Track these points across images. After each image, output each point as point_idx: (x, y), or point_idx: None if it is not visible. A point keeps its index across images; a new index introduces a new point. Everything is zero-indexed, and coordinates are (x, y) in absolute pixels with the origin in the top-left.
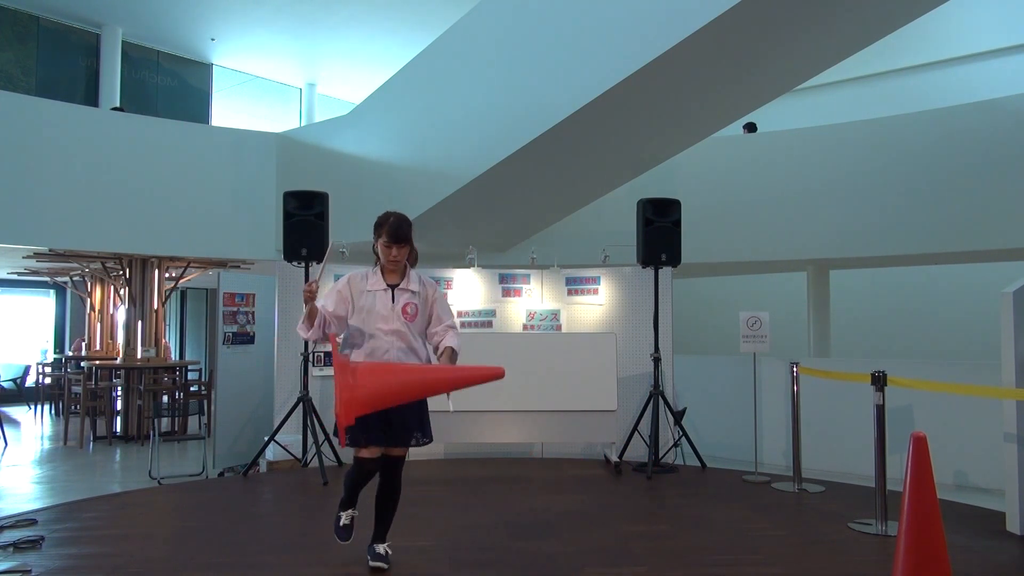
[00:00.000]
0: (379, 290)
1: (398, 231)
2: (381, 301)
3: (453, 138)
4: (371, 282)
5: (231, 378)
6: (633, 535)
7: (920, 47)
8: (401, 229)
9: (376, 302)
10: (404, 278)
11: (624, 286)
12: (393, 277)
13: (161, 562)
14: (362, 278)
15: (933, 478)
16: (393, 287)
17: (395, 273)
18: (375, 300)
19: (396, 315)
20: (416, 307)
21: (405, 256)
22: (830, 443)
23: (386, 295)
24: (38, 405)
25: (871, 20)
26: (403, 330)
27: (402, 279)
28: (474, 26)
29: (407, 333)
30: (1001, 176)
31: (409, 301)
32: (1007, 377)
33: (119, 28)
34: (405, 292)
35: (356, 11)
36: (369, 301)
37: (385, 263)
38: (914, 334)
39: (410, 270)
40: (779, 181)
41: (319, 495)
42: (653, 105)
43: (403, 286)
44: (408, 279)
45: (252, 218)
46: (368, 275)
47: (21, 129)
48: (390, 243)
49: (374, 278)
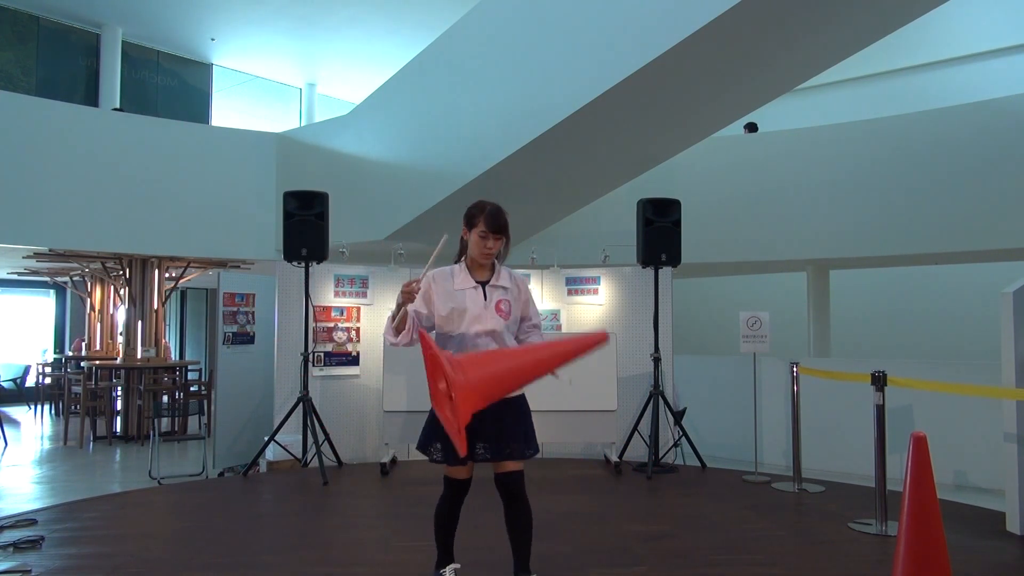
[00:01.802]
0: (468, 288)
1: (496, 220)
2: (472, 299)
3: (453, 138)
4: (458, 280)
5: (231, 378)
6: (633, 535)
7: (920, 47)
8: (500, 218)
9: (466, 301)
10: (494, 274)
11: (624, 286)
12: (482, 273)
13: (161, 562)
14: (446, 277)
15: (933, 478)
16: (483, 284)
17: (484, 268)
18: (465, 299)
19: (490, 313)
20: (510, 304)
21: (499, 248)
22: (830, 443)
23: (477, 293)
24: (38, 405)
25: (871, 20)
26: (498, 329)
27: (492, 275)
28: (474, 26)
29: (501, 333)
30: (1001, 176)
31: (502, 298)
32: (1007, 377)
33: (119, 28)
34: (497, 289)
35: (356, 11)
36: (458, 301)
37: (478, 256)
38: (914, 334)
39: (500, 266)
40: (779, 181)
41: (319, 495)
42: (653, 105)
43: (494, 282)
44: (499, 275)
45: (252, 218)
46: (454, 272)
47: (21, 129)
48: (487, 232)
49: (461, 275)
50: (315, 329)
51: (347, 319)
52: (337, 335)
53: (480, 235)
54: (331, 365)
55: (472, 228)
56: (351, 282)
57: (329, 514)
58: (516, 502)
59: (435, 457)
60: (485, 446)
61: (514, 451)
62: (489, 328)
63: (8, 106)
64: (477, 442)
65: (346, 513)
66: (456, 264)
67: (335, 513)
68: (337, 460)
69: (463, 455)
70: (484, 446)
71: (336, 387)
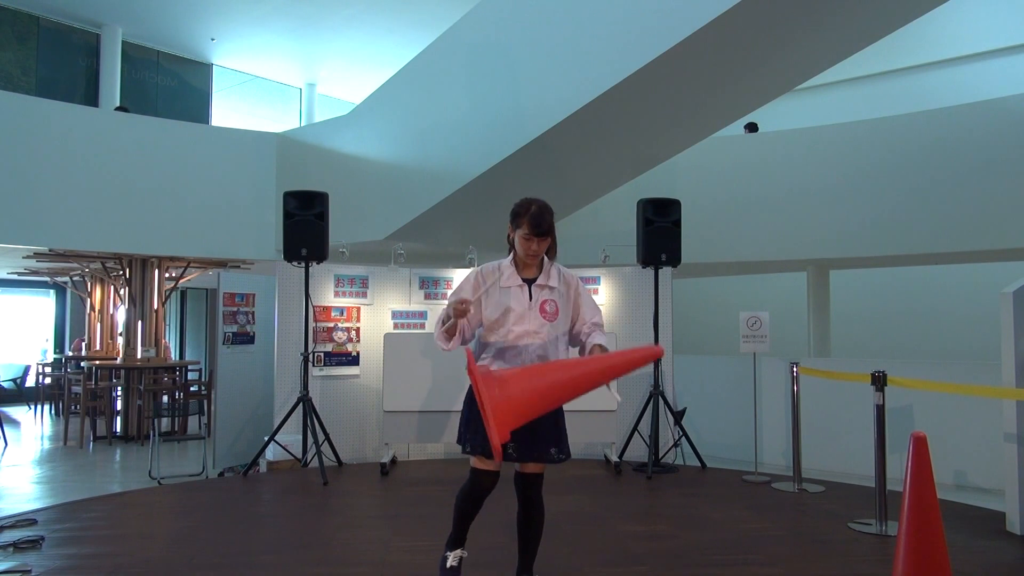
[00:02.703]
0: (514, 286)
1: (541, 222)
2: (516, 298)
3: (453, 138)
4: (505, 276)
5: (231, 378)
6: (633, 535)
7: (920, 47)
8: (544, 219)
9: (511, 299)
10: (542, 272)
11: (624, 286)
12: (530, 271)
13: (161, 562)
14: (494, 270)
15: (933, 478)
16: (530, 282)
17: (532, 267)
18: (509, 297)
19: (534, 313)
20: (556, 305)
21: (545, 249)
22: (830, 443)
23: (522, 292)
24: (38, 405)
25: (871, 20)
26: (540, 331)
27: (540, 273)
28: (474, 26)
29: (545, 335)
30: (1001, 176)
31: (548, 299)
32: (1007, 377)
33: (119, 28)
34: (543, 288)
35: (356, 11)
36: (503, 298)
37: (523, 256)
38: (914, 334)
39: (549, 264)
40: (779, 181)
41: (319, 495)
42: (653, 105)
43: (541, 282)
44: (547, 274)
45: (252, 218)
46: (502, 267)
47: (21, 129)
48: (531, 235)
49: (509, 271)
50: (315, 329)
51: (347, 319)
52: (337, 335)
53: (524, 237)
54: (331, 365)
55: (517, 229)
56: (351, 282)
57: (329, 514)
58: (532, 503)
59: (467, 449)
60: (515, 445)
61: (544, 454)
62: (531, 328)
63: (8, 106)
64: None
65: (346, 513)
66: (505, 260)
67: (335, 513)
68: (337, 460)
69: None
70: (514, 445)
71: (336, 387)
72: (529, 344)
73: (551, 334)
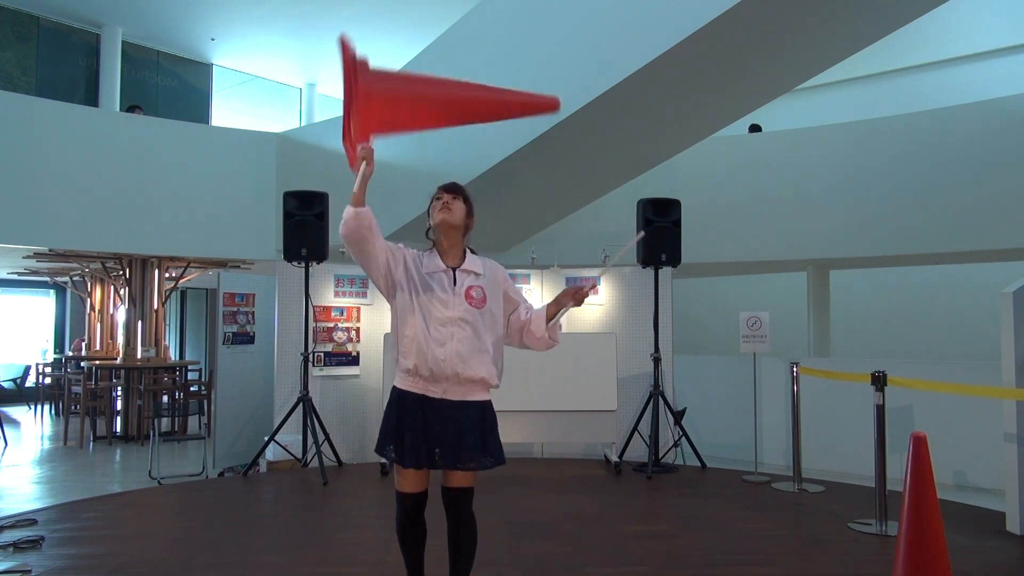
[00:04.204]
0: (439, 271)
1: (450, 182)
2: (439, 283)
3: (453, 138)
4: (426, 263)
5: (231, 378)
6: (633, 535)
7: (920, 47)
8: (453, 183)
9: (433, 284)
10: (466, 259)
11: (624, 286)
12: (453, 258)
13: (161, 562)
14: (419, 258)
15: (933, 478)
16: (454, 269)
17: (454, 251)
18: (432, 282)
19: (459, 299)
20: (483, 291)
21: (459, 211)
22: (830, 443)
23: (446, 277)
24: (38, 405)
25: (871, 20)
26: (468, 318)
27: (463, 260)
28: (473, 26)
29: (471, 323)
30: (1001, 176)
31: (473, 284)
32: (1007, 377)
33: (119, 28)
34: (468, 274)
35: (356, 11)
36: (426, 284)
37: (439, 224)
38: (914, 334)
39: (470, 252)
40: (779, 181)
41: (319, 495)
42: (653, 105)
43: (466, 267)
44: (471, 261)
45: (252, 218)
46: (423, 256)
47: (21, 129)
48: (441, 192)
49: (431, 259)
50: (315, 329)
51: (347, 319)
52: (337, 335)
53: (436, 198)
54: (331, 365)
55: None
56: (351, 282)
57: (329, 514)
58: (461, 522)
59: (389, 456)
60: (441, 451)
61: (470, 459)
62: (457, 315)
63: (8, 106)
64: (435, 447)
65: (346, 513)
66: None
67: (335, 513)
68: (337, 460)
69: (353, 168)
70: (440, 451)
71: (336, 387)
72: (455, 332)
73: (477, 322)
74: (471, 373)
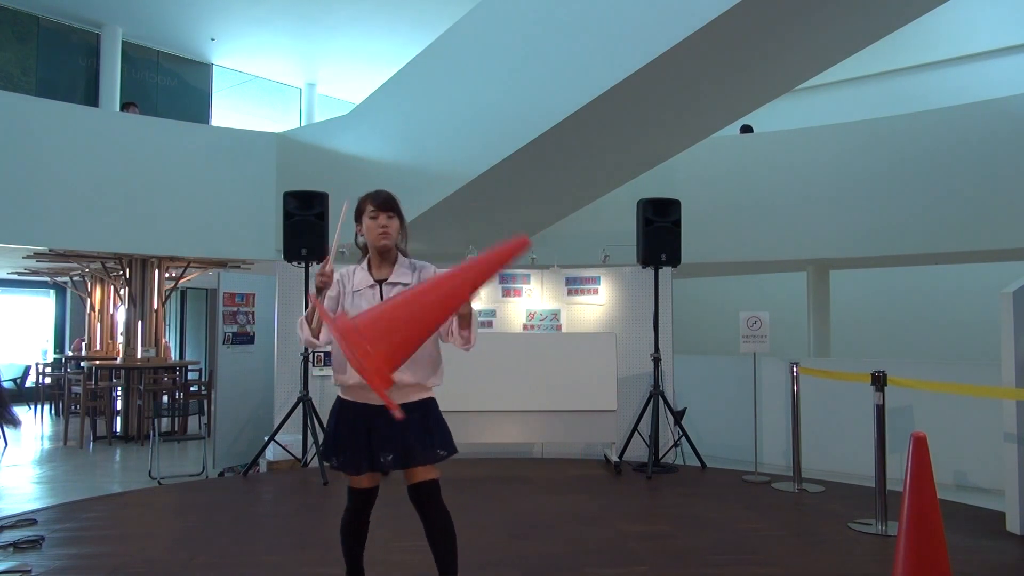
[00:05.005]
0: (365, 288)
1: (381, 194)
2: (366, 299)
3: (453, 138)
4: (356, 281)
5: (231, 378)
6: (633, 535)
7: (920, 47)
8: (386, 193)
9: (361, 300)
10: (394, 270)
11: (624, 286)
12: (384, 270)
13: (161, 562)
14: (348, 277)
15: (933, 478)
16: (381, 282)
17: (385, 264)
18: (361, 301)
19: None
20: None
21: (396, 231)
22: (830, 443)
23: (373, 293)
24: (38, 405)
25: (871, 20)
26: None
27: (392, 272)
28: (474, 26)
29: None
30: (1001, 176)
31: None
32: (1007, 377)
33: (119, 28)
34: (395, 287)
35: (356, 11)
36: (356, 302)
37: (375, 240)
38: (914, 334)
39: (403, 261)
40: (779, 181)
41: (319, 495)
42: (653, 105)
43: (393, 279)
44: (399, 272)
45: (252, 218)
46: (355, 272)
47: (21, 129)
48: (376, 211)
49: (360, 275)
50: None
51: None
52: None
53: (370, 216)
54: (331, 365)
55: (361, 216)
56: None
57: (329, 514)
58: (433, 514)
59: (335, 465)
60: (387, 456)
61: (420, 455)
62: None
63: (8, 106)
64: (380, 452)
65: None
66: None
67: (335, 513)
68: None
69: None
70: (386, 456)
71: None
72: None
73: None
74: (405, 379)
